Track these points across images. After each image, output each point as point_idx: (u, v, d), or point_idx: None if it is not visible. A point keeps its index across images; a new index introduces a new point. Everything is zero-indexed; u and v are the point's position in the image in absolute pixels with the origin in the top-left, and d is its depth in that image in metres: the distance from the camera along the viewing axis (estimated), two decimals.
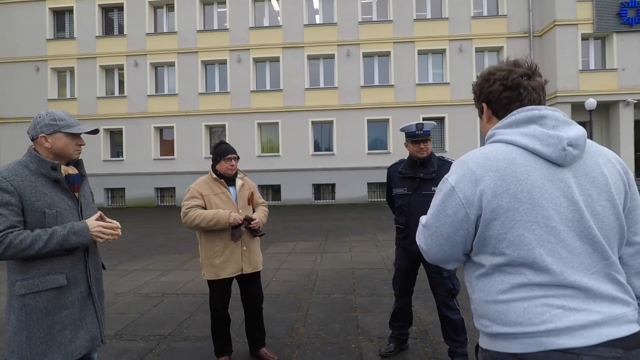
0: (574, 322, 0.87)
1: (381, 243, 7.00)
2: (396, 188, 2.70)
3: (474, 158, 1.01)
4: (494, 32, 15.33)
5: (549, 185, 0.93)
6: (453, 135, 15.44)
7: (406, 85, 15.53)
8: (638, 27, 13.93)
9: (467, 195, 0.97)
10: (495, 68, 1.10)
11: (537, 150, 0.95)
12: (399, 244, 2.73)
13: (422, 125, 2.59)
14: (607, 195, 0.96)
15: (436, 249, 1.08)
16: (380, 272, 4.97)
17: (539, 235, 0.91)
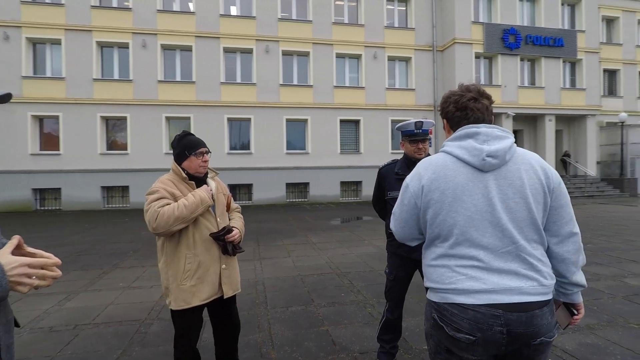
0: (470, 287, 1.21)
1: (317, 246, 6.78)
2: (392, 190, 2.46)
3: (423, 163, 1.38)
4: (404, 43, 16.45)
5: (471, 185, 1.26)
6: (367, 137, 16.09)
7: (324, 87, 15.68)
8: (517, 52, 16.37)
9: (415, 189, 1.34)
10: (452, 92, 1.42)
11: (465, 159, 1.28)
12: (394, 252, 2.50)
13: (422, 123, 2.40)
14: (521, 194, 1.24)
15: (400, 230, 1.45)
16: (330, 278, 4.73)
17: (456, 220, 1.25)
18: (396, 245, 2.45)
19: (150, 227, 1.86)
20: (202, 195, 1.95)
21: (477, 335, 1.18)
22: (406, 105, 16.47)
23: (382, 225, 9.17)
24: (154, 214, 1.84)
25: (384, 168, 2.58)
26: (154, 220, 1.84)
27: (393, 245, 2.49)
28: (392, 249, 2.51)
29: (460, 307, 1.20)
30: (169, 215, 1.83)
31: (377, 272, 4.94)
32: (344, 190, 16.17)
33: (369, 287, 4.33)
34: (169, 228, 1.85)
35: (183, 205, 1.87)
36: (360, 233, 8.06)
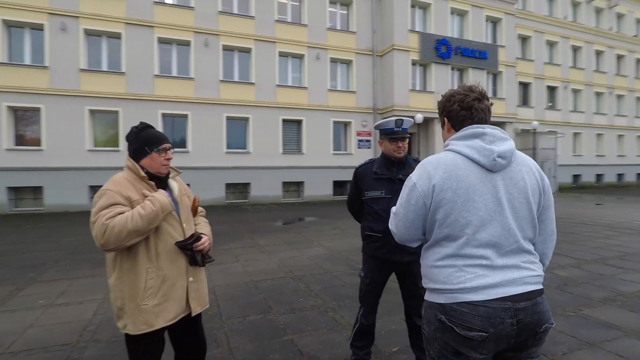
0: (479, 284, 1.23)
1: (266, 248, 6.53)
2: (371, 190, 2.38)
3: (430, 162, 1.35)
4: (346, 46, 16.74)
5: (481, 185, 1.27)
6: (310, 138, 16.09)
7: (267, 85, 15.35)
8: (448, 61, 17.55)
9: (424, 188, 1.31)
10: (455, 91, 1.42)
11: (475, 158, 1.29)
12: (371, 255, 2.41)
13: (402, 121, 2.35)
14: (524, 195, 1.30)
15: (403, 230, 1.41)
16: (286, 282, 4.54)
17: (469, 220, 1.26)
18: (374, 247, 2.37)
19: (97, 243, 1.53)
20: (163, 201, 1.66)
21: (489, 331, 1.20)
22: (347, 107, 16.78)
23: (328, 226, 9.14)
24: (102, 227, 1.51)
25: (361, 168, 2.49)
26: (101, 235, 1.51)
27: (371, 247, 2.40)
28: (369, 251, 2.42)
29: (471, 305, 1.22)
30: (120, 229, 1.52)
31: (332, 274, 4.86)
32: (286, 190, 15.98)
33: (326, 290, 4.23)
34: (121, 243, 1.54)
35: (138, 215, 1.56)
36: (307, 234, 7.96)
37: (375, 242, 2.36)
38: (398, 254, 2.29)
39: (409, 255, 2.30)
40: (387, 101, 16.97)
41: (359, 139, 17.08)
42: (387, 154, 2.39)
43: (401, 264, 2.34)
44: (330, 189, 16.52)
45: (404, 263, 2.33)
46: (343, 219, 10.25)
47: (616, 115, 24.74)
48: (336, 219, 10.27)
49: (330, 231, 8.32)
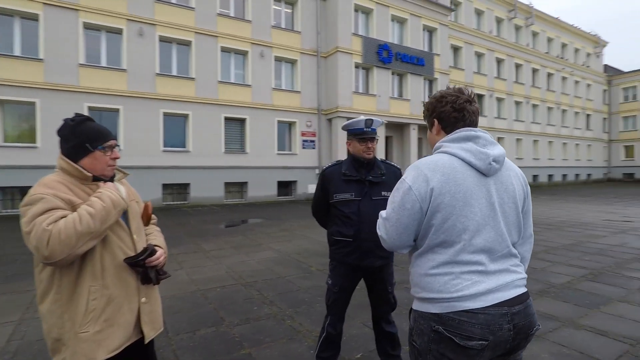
0: (476, 291, 1.19)
1: (212, 254, 6.16)
2: (340, 193, 2.27)
3: (426, 164, 1.28)
4: (291, 45, 16.59)
5: (477, 189, 1.25)
6: (253, 137, 15.69)
7: (208, 81, 14.67)
8: (389, 66, 18.20)
9: (421, 192, 1.23)
10: (446, 92, 1.38)
11: (472, 162, 1.26)
12: (340, 261, 2.30)
13: (372, 121, 2.27)
14: (512, 200, 1.31)
15: (395, 237, 1.31)
16: (236, 290, 4.28)
17: (466, 226, 1.22)
18: (344, 252, 2.26)
19: (40, 255, 1.22)
20: (114, 196, 1.39)
21: (489, 339, 1.18)
22: (292, 107, 16.65)
23: (275, 227, 8.92)
24: (44, 234, 1.21)
25: (329, 169, 2.37)
26: (45, 245, 1.21)
27: (340, 253, 2.29)
28: (338, 257, 2.31)
29: (470, 314, 1.19)
30: (68, 234, 1.23)
31: (285, 279, 4.69)
32: (229, 191, 15.40)
33: (281, 296, 4.05)
34: (73, 251, 1.25)
35: (88, 214, 1.28)
36: (254, 237, 7.68)
37: (345, 247, 2.26)
38: (369, 259, 2.22)
39: (380, 259, 2.23)
40: (331, 102, 17.12)
41: (304, 139, 17.03)
42: (356, 155, 2.30)
43: (372, 268, 2.26)
44: (275, 190, 16.26)
45: (375, 268, 2.26)
46: (290, 220, 10.10)
47: (532, 123, 27.61)
48: (283, 221, 10.08)
49: (278, 233, 8.12)
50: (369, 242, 2.20)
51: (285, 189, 16.80)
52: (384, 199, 2.24)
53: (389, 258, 2.29)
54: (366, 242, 2.20)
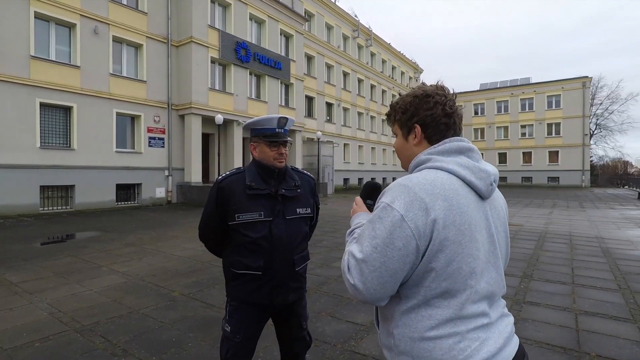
0: (488, 352, 0.92)
1: (21, 287, 4.48)
2: (244, 212, 1.70)
3: (419, 184, 0.93)
4: (134, 27, 14.30)
5: (479, 217, 0.97)
6: (83, 130, 12.86)
7: (14, 54, 11.25)
8: (247, 65, 17.69)
9: (418, 225, 0.89)
10: (429, 89, 1.08)
11: (472, 182, 0.97)
12: (244, 300, 1.72)
13: (286, 121, 1.79)
14: (504, 227, 1.08)
15: (377, 287, 0.92)
16: (67, 341, 3.08)
17: (473, 267, 0.93)
18: (249, 289, 1.72)
19: None
20: None
21: None
22: (136, 98, 14.36)
23: (118, 242, 7.44)
24: None
25: (227, 180, 1.77)
26: None
27: (244, 290, 1.73)
28: (241, 295, 1.74)
29: None
30: None
31: (141, 314, 3.70)
32: (47, 197, 12.18)
33: (138, 340, 3.11)
34: None
35: None
36: (89, 257, 6.07)
37: (250, 282, 1.72)
38: (282, 295, 1.75)
39: (294, 292, 1.80)
40: (184, 97, 15.54)
41: (151, 136, 14.92)
42: (264, 162, 1.78)
43: (284, 306, 1.79)
44: (113, 194, 13.70)
45: (287, 305, 1.79)
46: (136, 232, 8.52)
47: (370, 132, 31.42)
48: (126, 233, 8.42)
49: (121, 250, 6.65)
50: (282, 274, 1.74)
51: (126, 194, 14.35)
52: (300, 218, 1.81)
53: (303, 289, 1.87)
54: (279, 274, 1.73)
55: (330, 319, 3.54)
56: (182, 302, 4.01)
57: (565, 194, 24.15)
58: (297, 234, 1.79)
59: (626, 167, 56.90)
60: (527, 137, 37.86)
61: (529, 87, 37.80)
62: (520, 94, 38.04)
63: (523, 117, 37.93)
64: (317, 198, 1.98)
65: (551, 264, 5.70)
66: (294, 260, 1.76)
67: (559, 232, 8.88)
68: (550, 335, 3.18)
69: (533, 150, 37.29)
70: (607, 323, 3.46)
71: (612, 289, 4.48)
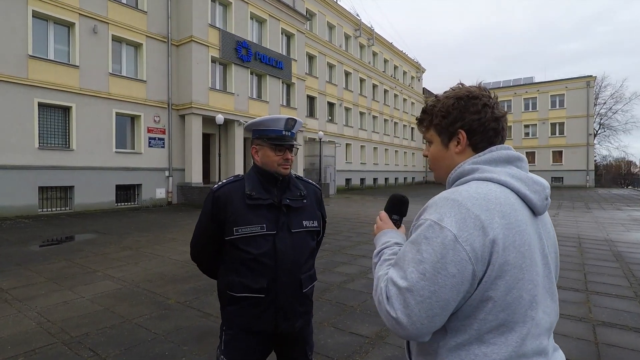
0: None
1: (12, 295, 4.31)
2: (244, 225, 1.49)
3: (472, 198, 0.80)
4: (134, 26, 14.13)
5: (534, 237, 0.84)
6: (82, 130, 12.71)
7: (10, 53, 11.08)
8: (248, 65, 17.51)
9: (475, 247, 0.76)
10: (476, 91, 0.93)
11: (527, 196, 0.85)
12: (244, 327, 1.52)
13: (294, 122, 1.58)
14: (554, 247, 0.94)
15: (425, 320, 0.77)
16: (55, 354, 2.90)
17: (533, 296, 0.80)
18: (250, 315, 1.50)
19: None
20: None
21: None
22: (136, 98, 14.20)
23: (115, 245, 7.27)
24: None
25: (223, 189, 1.56)
26: None
27: (243, 316, 1.51)
28: (240, 322, 1.52)
29: None
30: None
31: (134, 323, 3.51)
32: (46, 198, 12.03)
33: (129, 354, 2.93)
34: None
35: None
36: (84, 261, 5.90)
37: (252, 307, 1.50)
38: (288, 321, 1.53)
39: (301, 318, 1.58)
40: (184, 97, 15.37)
41: (151, 137, 14.76)
42: (267, 168, 1.57)
43: (289, 334, 1.58)
44: (113, 195, 13.54)
45: (294, 332, 1.59)
46: (134, 234, 8.36)
47: (373, 132, 31.19)
48: (123, 235, 8.25)
49: (118, 253, 6.47)
50: (288, 296, 1.52)
51: (126, 194, 14.19)
52: (307, 232, 1.61)
53: (310, 313, 1.66)
54: (284, 296, 1.51)
55: (333, 330, 3.34)
56: (178, 311, 3.83)
57: (570, 195, 23.88)
58: (304, 250, 1.58)
59: (630, 167, 56.44)
60: (531, 137, 37.53)
61: (533, 86, 37.50)
62: (523, 94, 37.73)
63: (526, 117, 37.62)
64: (323, 210, 1.77)
65: (562, 269, 5.49)
66: (301, 279, 1.55)
67: (567, 234, 8.66)
68: (567, 348, 2.98)
69: (537, 150, 36.97)
70: (627, 335, 3.26)
71: (629, 297, 4.28)
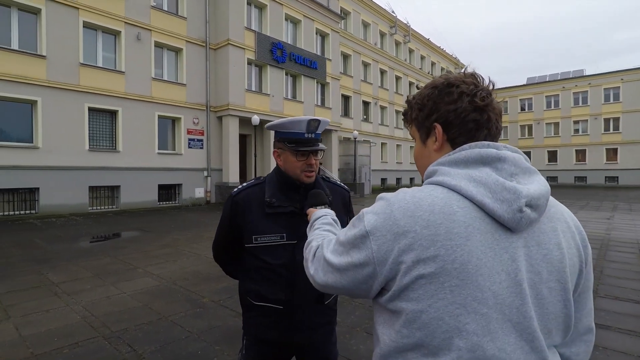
0: None
1: (61, 288, 4.58)
2: (262, 234, 1.43)
3: (402, 201, 0.74)
4: (174, 32, 14.70)
5: (491, 255, 0.69)
6: (128, 133, 13.38)
7: (64, 61, 11.88)
8: (283, 66, 17.68)
9: (381, 248, 0.72)
10: (455, 78, 0.82)
11: (486, 205, 0.71)
12: (259, 337, 1.47)
13: (318, 123, 1.47)
14: (558, 275, 0.74)
15: (328, 289, 0.84)
16: (96, 348, 3.03)
17: (463, 324, 0.67)
18: (266, 324, 1.44)
19: None
20: None
21: None
22: (176, 101, 14.77)
23: (156, 243, 7.48)
24: None
25: (242, 194, 1.50)
26: None
27: (259, 324, 1.46)
28: (256, 331, 1.48)
29: None
30: None
31: (170, 320, 3.60)
32: (95, 197, 12.79)
33: (164, 351, 2.99)
34: None
35: None
36: (127, 258, 6.17)
37: (267, 316, 1.44)
38: (306, 332, 1.45)
39: (321, 329, 1.49)
40: (221, 99, 15.78)
41: (190, 138, 15.29)
42: (289, 173, 1.48)
43: (310, 344, 1.51)
44: (155, 195, 14.16)
45: (313, 343, 1.51)
46: (173, 232, 8.66)
47: None
48: (164, 233, 8.57)
49: (158, 251, 6.72)
50: (307, 309, 1.44)
51: (167, 194, 14.80)
52: None
53: (332, 323, 1.57)
54: (302, 309, 1.44)
55: (366, 336, 3.24)
56: (211, 310, 3.88)
57: (627, 195, 22.06)
58: None
59: None
60: (581, 133, 35.09)
61: (583, 79, 35.03)
62: (572, 87, 35.35)
63: (576, 113, 35.21)
64: (352, 215, 1.65)
65: (618, 278, 5.03)
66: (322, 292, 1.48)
67: (624, 239, 7.96)
68: None
69: (587, 148, 34.51)
70: None
71: None
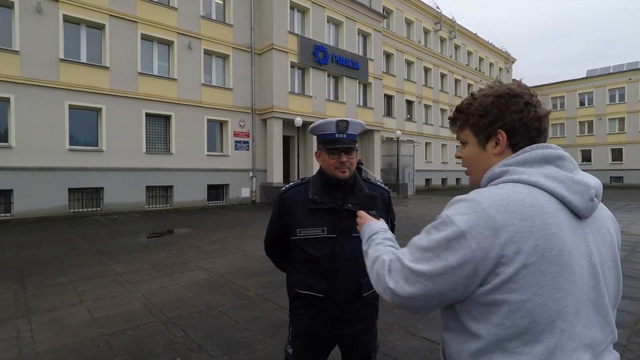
0: None
1: (124, 278, 5.06)
2: (305, 227, 1.57)
3: (491, 199, 0.75)
4: (222, 39, 15.44)
5: (575, 241, 0.76)
6: (180, 136, 14.26)
7: (125, 72, 12.94)
8: (325, 67, 17.91)
9: (482, 246, 0.72)
10: (516, 88, 0.87)
11: (565, 197, 0.77)
12: (304, 327, 1.61)
13: (347, 124, 1.59)
14: (612, 256, 0.84)
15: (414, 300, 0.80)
16: (153, 332, 3.36)
17: (563, 306, 0.72)
18: (310, 314, 1.57)
19: None
20: None
21: None
22: (224, 105, 15.50)
23: (205, 240, 7.90)
24: None
25: (290, 192, 1.66)
26: None
27: (304, 314, 1.59)
28: (301, 321, 1.60)
29: None
30: None
31: (218, 310, 3.88)
32: (151, 196, 13.77)
33: (213, 337, 3.25)
34: None
35: None
36: (180, 252, 6.64)
37: (312, 306, 1.56)
38: (346, 326, 1.55)
39: (361, 322, 1.59)
40: (265, 102, 16.30)
41: (237, 140, 15.97)
42: (326, 171, 1.61)
43: (349, 336, 1.62)
44: (204, 194, 14.96)
45: (353, 335, 1.62)
46: (221, 230, 9.13)
47: None
48: (213, 231, 9.06)
49: (207, 247, 7.15)
50: (347, 299, 1.55)
51: (216, 194, 15.57)
52: None
53: (373, 317, 1.66)
54: (342, 299, 1.54)
55: (404, 334, 3.29)
56: (256, 302, 4.11)
57: None
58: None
59: None
60: None
61: None
62: None
63: None
64: (392, 214, 1.76)
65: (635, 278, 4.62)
66: (361, 284, 1.55)
67: None
68: None
69: None
70: None
71: None
